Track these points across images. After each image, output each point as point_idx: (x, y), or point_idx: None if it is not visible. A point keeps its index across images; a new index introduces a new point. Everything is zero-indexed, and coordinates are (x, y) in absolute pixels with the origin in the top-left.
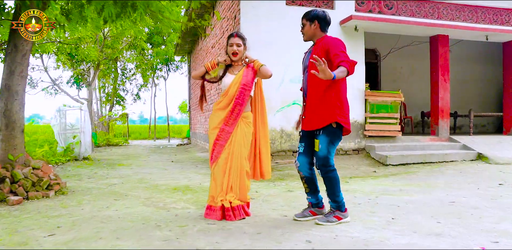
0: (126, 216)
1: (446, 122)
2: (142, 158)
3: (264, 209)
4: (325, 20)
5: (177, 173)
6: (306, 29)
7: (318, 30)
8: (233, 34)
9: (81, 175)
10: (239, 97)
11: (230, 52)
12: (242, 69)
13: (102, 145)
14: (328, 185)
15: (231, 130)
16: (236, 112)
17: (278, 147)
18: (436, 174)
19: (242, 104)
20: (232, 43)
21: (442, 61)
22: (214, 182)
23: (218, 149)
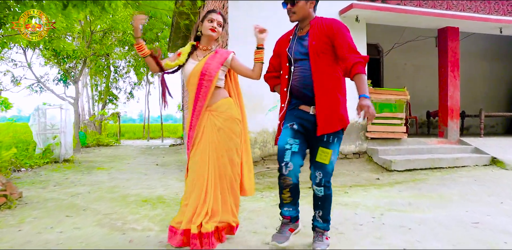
0: (68, 241)
1: (456, 123)
2: (127, 160)
3: (243, 231)
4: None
5: (156, 179)
6: (300, 6)
7: (313, 8)
8: (216, 11)
9: (49, 181)
10: (200, 90)
11: (208, 27)
12: (208, 55)
13: (92, 145)
14: (325, 205)
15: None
16: (198, 109)
17: (270, 150)
18: (448, 182)
19: (205, 98)
20: (212, 19)
21: (451, 56)
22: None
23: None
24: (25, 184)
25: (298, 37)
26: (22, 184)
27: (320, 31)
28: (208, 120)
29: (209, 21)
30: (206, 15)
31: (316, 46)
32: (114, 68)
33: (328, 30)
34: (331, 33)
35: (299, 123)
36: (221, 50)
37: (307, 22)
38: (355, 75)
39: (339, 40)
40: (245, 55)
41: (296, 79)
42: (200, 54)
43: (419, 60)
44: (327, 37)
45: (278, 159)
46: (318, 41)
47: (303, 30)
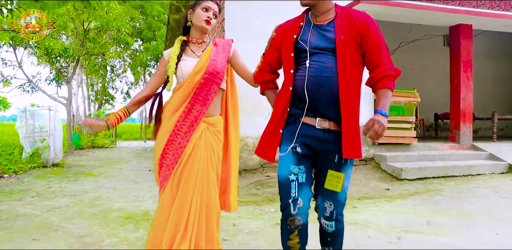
0: None
1: (469, 128)
2: (120, 164)
3: None
4: None
5: (146, 188)
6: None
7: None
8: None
9: (29, 191)
10: (200, 91)
11: (203, 18)
12: (209, 49)
13: (87, 147)
14: (337, 240)
15: (184, 142)
16: (195, 115)
17: None
18: (466, 194)
19: (205, 103)
20: (207, 7)
21: (464, 55)
22: (158, 222)
23: (165, 172)
24: (2, 194)
25: (315, 25)
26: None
27: (351, 24)
28: (203, 136)
29: (204, 10)
30: (199, 2)
31: (345, 42)
32: (110, 67)
33: (361, 25)
34: (366, 31)
35: (303, 143)
36: (220, 41)
37: (327, 8)
38: (381, 89)
39: (374, 42)
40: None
41: (311, 77)
42: (196, 49)
43: (426, 60)
44: (359, 34)
45: (280, 193)
46: (347, 36)
47: (321, 18)
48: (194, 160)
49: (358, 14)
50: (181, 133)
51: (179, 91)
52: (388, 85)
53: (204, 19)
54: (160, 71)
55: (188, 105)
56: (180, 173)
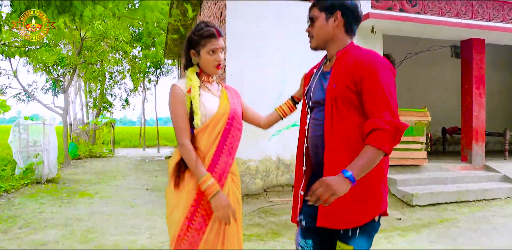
0: None
1: (482, 147)
2: (117, 179)
3: None
4: (354, 13)
5: (143, 215)
6: (318, 26)
7: (341, 30)
8: (214, 34)
9: (18, 218)
10: (225, 139)
11: (213, 64)
12: (223, 90)
13: (84, 157)
14: None
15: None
16: (222, 167)
17: (273, 181)
18: (484, 226)
19: (231, 152)
20: (215, 49)
21: (477, 71)
22: None
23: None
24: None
25: (321, 73)
26: None
27: (346, 68)
28: (231, 192)
29: (211, 53)
30: (204, 43)
31: (336, 92)
32: (109, 74)
33: (355, 69)
34: (359, 75)
35: (308, 213)
36: (229, 87)
37: (334, 51)
38: (365, 145)
39: (370, 88)
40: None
41: (309, 136)
42: (210, 87)
43: (434, 71)
44: (352, 80)
45: None
46: (341, 84)
47: (329, 63)
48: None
49: (359, 54)
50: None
51: (204, 136)
52: (373, 142)
53: (214, 65)
54: (184, 110)
55: (213, 157)
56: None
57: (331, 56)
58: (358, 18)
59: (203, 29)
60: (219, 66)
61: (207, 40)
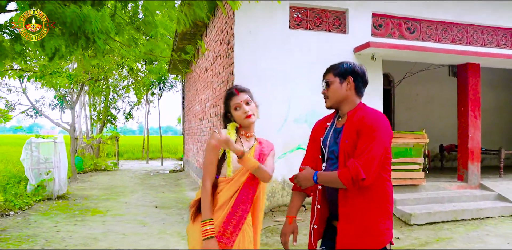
0: None
1: (477, 166)
2: (125, 196)
3: None
4: (363, 79)
5: (155, 235)
6: (334, 89)
7: (353, 92)
8: (234, 93)
9: (38, 237)
10: (244, 191)
11: (242, 116)
12: (254, 147)
13: (89, 170)
14: None
15: (230, 242)
16: (239, 214)
17: (279, 201)
18: (479, 245)
19: (249, 202)
20: (237, 104)
21: (472, 95)
22: None
23: None
24: (9, 243)
25: (335, 128)
26: (8, 243)
27: (353, 127)
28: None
29: (236, 108)
30: (229, 103)
31: (346, 148)
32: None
33: (358, 124)
34: (359, 129)
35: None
36: (265, 142)
37: (346, 110)
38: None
39: (364, 138)
40: None
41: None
42: (245, 142)
43: (432, 90)
44: (356, 134)
45: None
46: (351, 141)
47: (341, 120)
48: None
49: (363, 114)
50: (227, 233)
51: (227, 186)
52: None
53: (243, 117)
54: (215, 158)
55: (233, 206)
56: None
57: (343, 114)
58: (366, 82)
59: (226, 93)
60: (249, 116)
61: (230, 99)
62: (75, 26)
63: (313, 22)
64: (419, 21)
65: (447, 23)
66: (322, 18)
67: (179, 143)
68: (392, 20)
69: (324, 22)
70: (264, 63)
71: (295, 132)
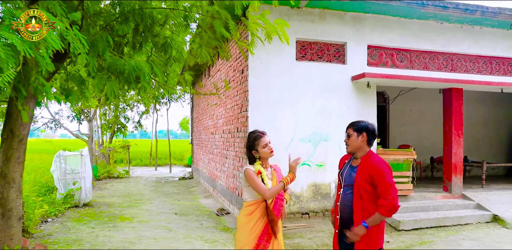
0: None
1: (459, 179)
2: (144, 203)
3: None
4: (373, 134)
5: (182, 239)
6: (352, 140)
7: (365, 143)
8: (260, 135)
9: (82, 241)
10: (274, 208)
11: (268, 152)
12: (274, 174)
13: (103, 178)
14: None
15: (267, 244)
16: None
17: (286, 210)
18: (455, 248)
19: (278, 214)
20: (266, 143)
21: (455, 116)
22: None
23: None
24: (60, 245)
25: (351, 166)
26: (58, 246)
27: (365, 170)
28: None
29: (264, 147)
30: (257, 143)
31: (359, 183)
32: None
33: (371, 172)
34: (374, 176)
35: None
36: (276, 168)
37: (359, 155)
38: (376, 212)
39: (378, 182)
40: (262, 120)
41: (340, 203)
42: (266, 172)
43: (424, 106)
44: (370, 178)
45: None
46: (363, 179)
47: (356, 161)
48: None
49: (373, 162)
50: (264, 239)
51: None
52: (380, 211)
53: (269, 152)
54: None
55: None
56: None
57: (358, 157)
58: (375, 136)
59: (253, 135)
60: (272, 152)
61: (259, 140)
62: (131, 76)
63: (316, 54)
64: (409, 51)
65: (433, 53)
66: (324, 50)
67: (184, 148)
68: (385, 51)
69: (326, 54)
70: (274, 90)
71: (301, 150)
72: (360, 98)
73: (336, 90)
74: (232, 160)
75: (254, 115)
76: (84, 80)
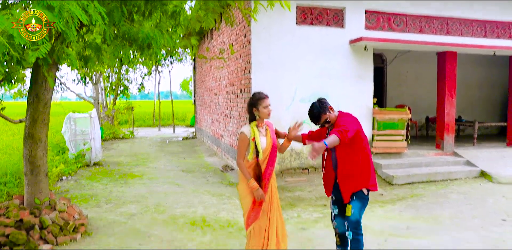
0: None
1: (451, 137)
2: (151, 161)
3: None
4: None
5: (190, 193)
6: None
7: (330, 113)
8: (264, 96)
9: (98, 196)
10: (270, 159)
11: (267, 113)
12: (268, 130)
13: (109, 139)
14: (356, 246)
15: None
16: (269, 173)
17: (287, 165)
18: (442, 200)
19: (273, 164)
20: (267, 105)
21: (449, 78)
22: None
23: (257, 210)
24: (79, 200)
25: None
26: (77, 201)
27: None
28: (272, 186)
29: (265, 107)
30: (260, 102)
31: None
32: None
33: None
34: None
35: (335, 194)
36: (268, 123)
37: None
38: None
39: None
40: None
41: (328, 156)
42: (261, 130)
43: (421, 68)
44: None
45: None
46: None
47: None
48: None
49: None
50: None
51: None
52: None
53: (268, 113)
54: (246, 148)
55: (266, 168)
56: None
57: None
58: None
59: (258, 95)
60: (270, 114)
61: (263, 101)
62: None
63: (316, 19)
64: (405, 15)
65: (429, 17)
66: (323, 15)
67: (186, 109)
68: (382, 16)
69: (325, 18)
70: (275, 53)
71: (301, 110)
72: (357, 60)
73: (335, 53)
74: (236, 119)
75: (257, 77)
76: (100, 47)
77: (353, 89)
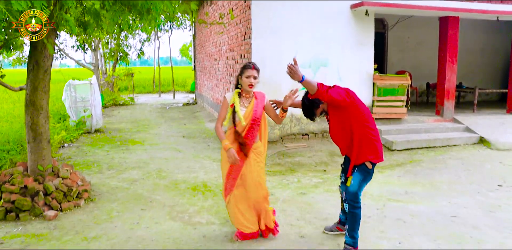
0: (158, 237)
1: (451, 104)
2: (152, 128)
3: (282, 224)
4: None
5: (191, 158)
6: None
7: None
8: (250, 66)
9: (100, 162)
10: (248, 132)
11: (247, 83)
12: (252, 102)
13: (109, 105)
14: (351, 220)
15: (241, 163)
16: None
17: (288, 131)
18: (440, 166)
19: (252, 139)
20: (249, 76)
21: (451, 44)
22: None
23: (231, 183)
24: (81, 166)
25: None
26: (80, 167)
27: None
28: (251, 157)
29: (247, 77)
30: (244, 71)
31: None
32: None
33: None
34: None
35: (344, 163)
36: (258, 95)
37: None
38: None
39: None
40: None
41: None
42: (245, 100)
43: (422, 33)
44: None
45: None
46: None
47: None
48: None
49: None
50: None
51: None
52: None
53: (248, 84)
54: (225, 112)
55: (245, 135)
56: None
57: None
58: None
59: (246, 64)
60: (251, 86)
61: (246, 70)
62: (144, 8)
63: None
64: None
65: None
66: None
67: (186, 75)
68: None
69: None
70: (275, 18)
71: None
72: (358, 26)
73: (335, 18)
74: None
75: (257, 43)
76: (99, 13)
77: (354, 55)
